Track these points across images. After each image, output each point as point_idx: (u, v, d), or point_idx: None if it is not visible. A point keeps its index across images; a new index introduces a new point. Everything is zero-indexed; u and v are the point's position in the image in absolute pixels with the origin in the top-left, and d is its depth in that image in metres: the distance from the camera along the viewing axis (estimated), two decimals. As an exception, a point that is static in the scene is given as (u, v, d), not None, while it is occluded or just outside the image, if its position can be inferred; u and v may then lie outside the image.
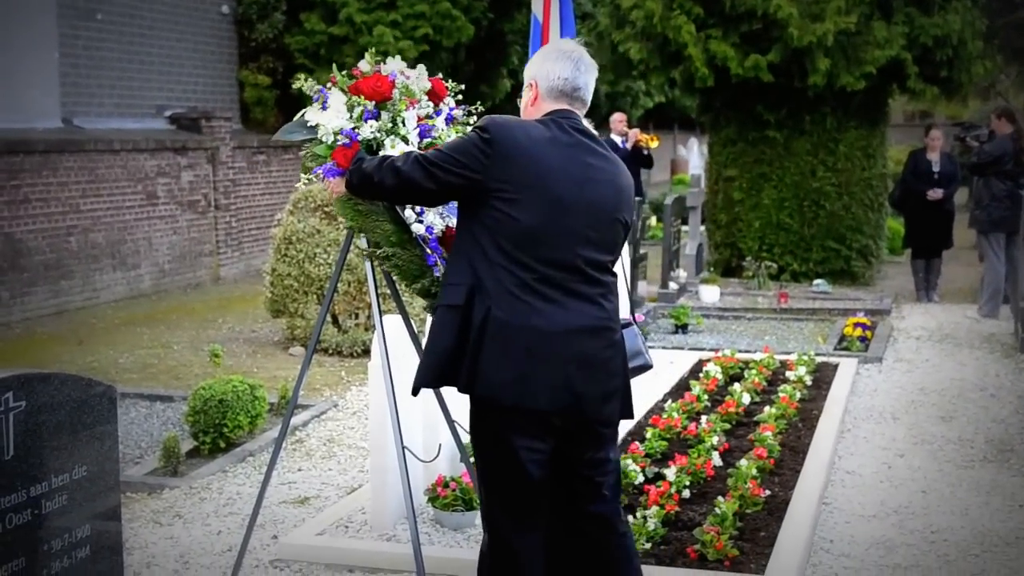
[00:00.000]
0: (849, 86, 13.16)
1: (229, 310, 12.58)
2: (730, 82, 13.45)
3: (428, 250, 4.12)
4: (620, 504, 3.95)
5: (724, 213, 14.52)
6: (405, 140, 4.26)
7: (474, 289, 3.62)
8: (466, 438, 4.52)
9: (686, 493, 5.79)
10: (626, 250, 9.19)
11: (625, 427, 7.18)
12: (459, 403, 4.37)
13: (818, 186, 13.99)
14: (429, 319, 3.99)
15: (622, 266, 4.09)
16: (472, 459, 4.05)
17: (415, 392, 3.83)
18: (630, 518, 5.30)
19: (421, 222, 4.17)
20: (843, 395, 8.16)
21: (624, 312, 3.98)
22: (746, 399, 7.67)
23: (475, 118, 4.47)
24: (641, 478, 5.96)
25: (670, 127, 34.42)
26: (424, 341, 3.85)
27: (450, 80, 4.58)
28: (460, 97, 4.57)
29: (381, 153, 4.16)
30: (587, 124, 3.98)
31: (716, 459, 6.31)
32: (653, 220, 18.60)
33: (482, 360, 3.58)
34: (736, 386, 7.98)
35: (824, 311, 12.06)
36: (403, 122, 4.25)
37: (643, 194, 14.45)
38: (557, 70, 3.83)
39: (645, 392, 8.19)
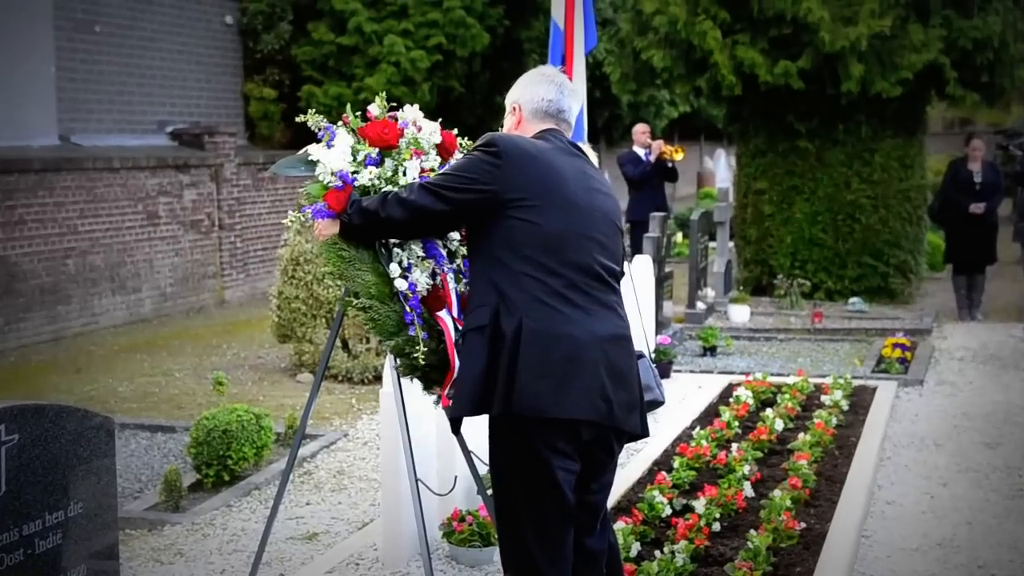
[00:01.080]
0: (884, 93, 13.12)
1: (234, 335, 12.60)
2: (759, 90, 13.44)
3: (408, 308, 4.10)
4: (606, 545, 4.01)
5: (754, 228, 14.49)
6: None
7: (499, 305, 3.69)
8: (483, 469, 4.51)
9: (716, 526, 5.75)
10: (643, 277, 9.17)
11: (650, 456, 7.16)
12: (474, 432, 4.35)
13: (853, 199, 13.95)
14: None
15: (634, 295, 4.11)
16: (490, 492, 4.03)
17: (455, 428, 3.89)
18: (656, 553, 5.27)
19: (405, 278, 4.13)
20: (882, 421, 8.11)
21: (637, 343, 4.01)
22: (779, 425, 7.64)
23: None
24: (668, 510, 5.92)
25: (696, 138, 34.39)
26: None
27: (465, 136, 4.57)
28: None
29: None
30: (587, 149, 4.11)
31: (748, 490, 6.28)
32: (679, 236, 18.57)
33: (519, 373, 3.62)
34: (768, 412, 7.94)
35: (861, 331, 12.01)
36: (404, 172, 4.27)
37: (668, 209, 14.41)
38: (541, 92, 4.03)
39: (672, 419, 8.15)
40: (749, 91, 13.50)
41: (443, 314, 4.17)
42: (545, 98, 4.01)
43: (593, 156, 4.78)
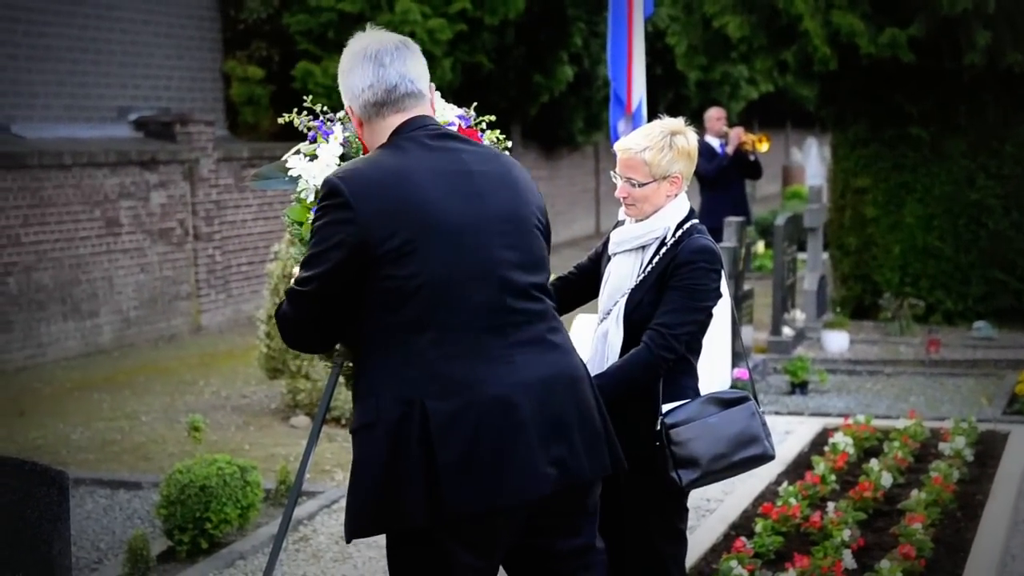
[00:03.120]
0: (1018, 66, 13.07)
1: (213, 369, 12.65)
2: (860, 64, 13.42)
3: None
4: None
5: (853, 236, 14.44)
6: None
7: (390, 393, 3.61)
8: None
9: (809, 605, 5.75)
10: (726, 298, 9.15)
11: (727, 518, 7.14)
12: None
13: (978, 198, 13.89)
14: None
15: (733, 319, 4.03)
16: None
17: (348, 542, 3.84)
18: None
19: None
20: (1016, 474, 8.06)
21: (725, 382, 4.00)
22: (886, 480, 7.61)
23: None
24: (750, 586, 5.92)
25: (781, 125, 34.37)
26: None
27: (497, 129, 4.40)
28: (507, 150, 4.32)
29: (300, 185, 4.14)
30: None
31: (848, 560, 6.25)
32: (760, 246, 18.53)
33: (441, 471, 3.55)
34: (873, 463, 7.91)
35: (988, 363, 11.96)
36: None
37: (748, 213, 14.37)
38: (357, 81, 3.80)
39: (753, 472, 8.10)
40: (847, 66, 13.48)
41: None
42: (363, 87, 3.79)
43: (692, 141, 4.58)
